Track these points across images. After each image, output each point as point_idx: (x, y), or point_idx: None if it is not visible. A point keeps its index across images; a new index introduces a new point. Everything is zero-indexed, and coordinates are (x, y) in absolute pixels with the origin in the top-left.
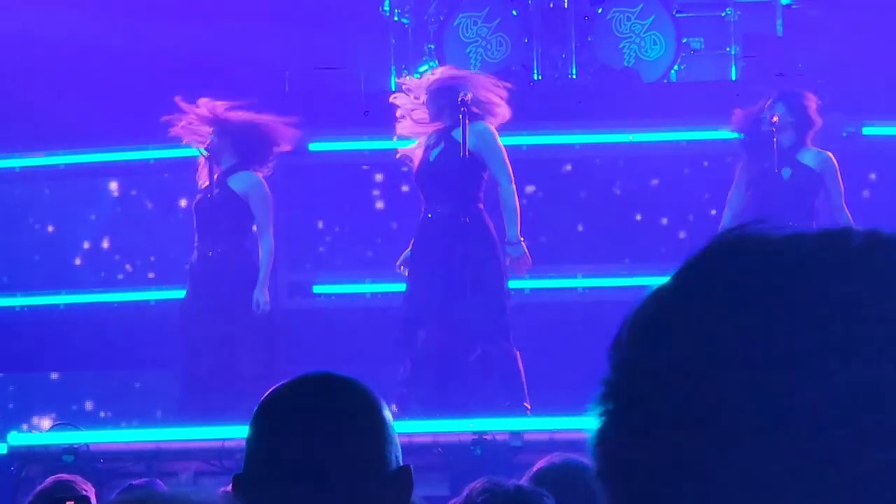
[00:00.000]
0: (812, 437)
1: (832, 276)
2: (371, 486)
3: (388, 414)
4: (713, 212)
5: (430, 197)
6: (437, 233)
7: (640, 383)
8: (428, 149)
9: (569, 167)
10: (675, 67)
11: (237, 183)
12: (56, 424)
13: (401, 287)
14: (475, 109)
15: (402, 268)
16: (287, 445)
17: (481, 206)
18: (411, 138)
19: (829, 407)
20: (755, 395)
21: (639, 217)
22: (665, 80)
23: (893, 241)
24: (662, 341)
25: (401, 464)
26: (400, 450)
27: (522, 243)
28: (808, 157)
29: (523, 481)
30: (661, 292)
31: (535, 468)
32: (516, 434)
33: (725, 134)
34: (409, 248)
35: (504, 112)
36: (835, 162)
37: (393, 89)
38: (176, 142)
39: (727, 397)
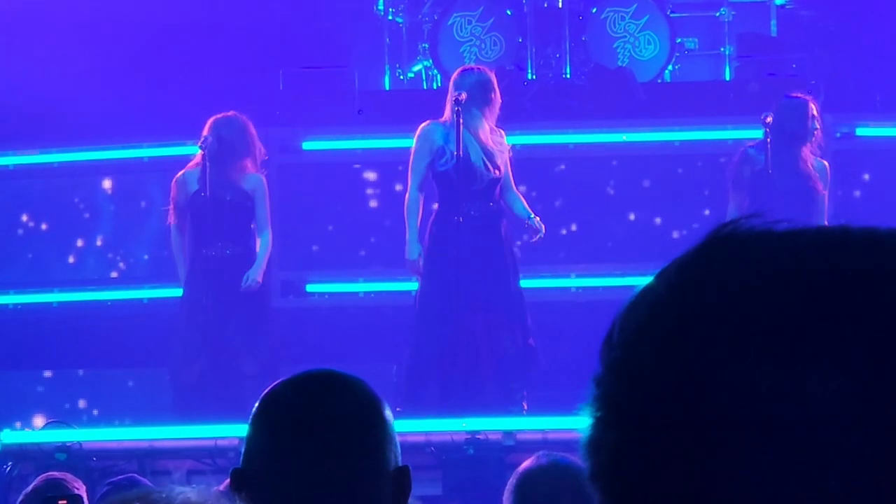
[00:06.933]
0: (811, 441)
1: (828, 273)
2: (370, 486)
3: (388, 413)
4: (707, 212)
5: (464, 196)
6: (471, 231)
7: (632, 383)
8: (451, 148)
9: (563, 167)
10: (670, 67)
11: (244, 184)
12: (49, 423)
13: (394, 286)
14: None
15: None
16: (287, 442)
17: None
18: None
19: (827, 407)
20: (748, 395)
21: (632, 217)
22: (659, 80)
23: (891, 238)
24: (653, 339)
25: (400, 464)
26: (399, 449)
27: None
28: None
29: (509, 481)
30: (652, 289)
31: (521, 468)
32: (509, 433)
33: (719, 134)
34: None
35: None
36: (828, 172)
37: (387, 88)
38: (170, 140)
39: (719, 397)
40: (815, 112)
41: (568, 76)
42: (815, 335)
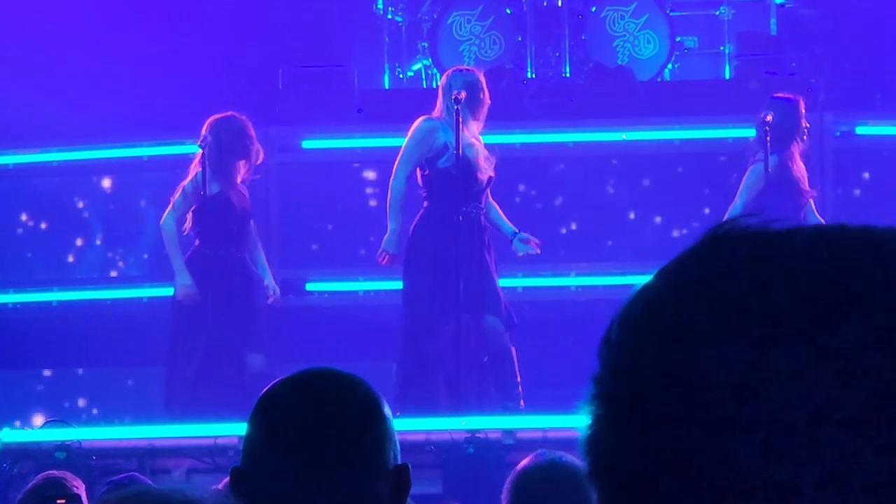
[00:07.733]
0: (811, 438)
1: (827, 272)
2: (369, 484)
3: (388, 411)
4: (707, 210)
5: (463, 196)
6: (465, 232)
7: (630, 381)
8: (453, 147)
9: (562, 165)
10: (669, 66)
11: (241, 186)
12: (48, 421)
13: (394, 285)
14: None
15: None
16: (286, 441)
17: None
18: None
19: (827, 406)
20: (746, 393)
21: (632, 216)
22: (659, 79)
23: (887, 237)
24: (651, 338)
25: (399, 462)
26: (399, 448)
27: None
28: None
29: (507, 480)
30: (650, 288)
31: (519, 467)
32: (509, 432)
33: (719, 133)
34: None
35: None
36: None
37: (387, 87)
38: (169, 139)
39: (717, 395)
40: (803, 111)
41: (567, 75)
42: (812, 334)
